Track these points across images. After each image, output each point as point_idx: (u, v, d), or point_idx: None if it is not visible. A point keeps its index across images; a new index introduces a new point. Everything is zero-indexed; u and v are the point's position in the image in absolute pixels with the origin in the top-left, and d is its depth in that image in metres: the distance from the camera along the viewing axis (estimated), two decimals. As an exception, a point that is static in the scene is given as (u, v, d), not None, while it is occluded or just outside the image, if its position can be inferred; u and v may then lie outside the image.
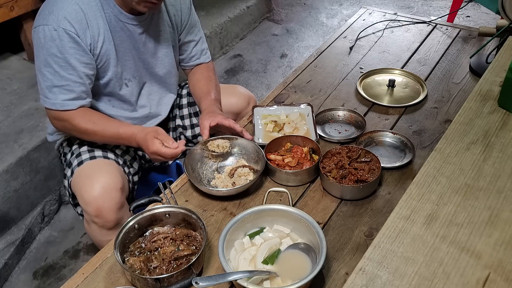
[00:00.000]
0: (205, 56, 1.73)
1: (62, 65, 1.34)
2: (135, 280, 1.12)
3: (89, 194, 1.38)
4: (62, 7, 1.32)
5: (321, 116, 1.69)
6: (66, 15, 1.31)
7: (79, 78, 1.37)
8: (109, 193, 1.39)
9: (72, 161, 1.49)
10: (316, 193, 1.40)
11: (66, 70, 1.35)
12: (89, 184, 1.39)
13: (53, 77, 1.36)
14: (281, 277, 1.10)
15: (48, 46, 1.32)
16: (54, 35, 1.31)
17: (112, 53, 1.44)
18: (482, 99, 1.18)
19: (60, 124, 1.45)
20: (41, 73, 1.37)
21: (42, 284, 1.88)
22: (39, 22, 1.34)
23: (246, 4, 3.58)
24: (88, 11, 1.35)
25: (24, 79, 2.43)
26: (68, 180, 1.49)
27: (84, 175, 1.42)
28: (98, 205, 1.37)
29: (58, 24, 1.31)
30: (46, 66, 1.35)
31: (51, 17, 1.32)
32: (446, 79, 1.90)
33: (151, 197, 1.35)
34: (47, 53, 1.33)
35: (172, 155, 1.36)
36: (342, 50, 2.14)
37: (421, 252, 0.81)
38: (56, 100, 1.38)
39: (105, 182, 1.39)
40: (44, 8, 1.37)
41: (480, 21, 3.64)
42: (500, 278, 0.76)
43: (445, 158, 1.00)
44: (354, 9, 3.92)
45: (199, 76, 1.70)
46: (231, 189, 1.37)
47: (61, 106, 1.39)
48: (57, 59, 1.34)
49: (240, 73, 3.20)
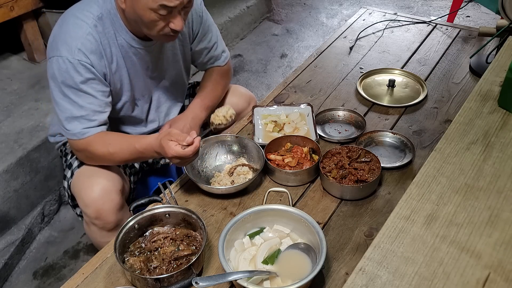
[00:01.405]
0: (219, 60, 1.70)
1: (80, 95, 1.32)
2: (135, 280, 1.12)
3: (89, 196, 1.37)
4: (76, 37, 1.29)
5: (321, 116, 1.69)
6: (80, 47, 1.29)
7: (99, 107, 1.35)
8: (109, 195, 1.38)
9: (73, 162, 1.49)
10: (316, 193, 1.40)
11: (85, 99, 1.32)
12: (88, 186, 1.38)
13: (72, 107, 1.32)
14: (281, 277, 1.10)
15: (63, 78, 1.29)
16: (69, 67, 1.28)
17: (126, 79, 1.43)
18: (482, 99, 1.18)
19: (83, 155, 1.40)
20: (58, 104, 1.33)
21: (42, 284, 1.88)
22: (53, 53, 1.30)
23: (246, 4, 3.58)
24: (102, 40, 1.32)
25: (24, 79, 2.43)
26: (67, 182, 1.49)
27: (83, 177, 1.42)
28: (97, 207, 1.36)
29: (73, 55, 1.28)
30: (64, 97, 1.32)
31: (65, 48, 1.28)
32: (446, 79, 1.90)
33: (151, 197, 1.35)
34: (63, 84, 1.30)
35: (193, 152, 1.26)
36: (342, 50, 2.14)
37: (421, 252, 0.81)
38: (76, 129, 1.34)
39: (104, 184, 1.39)
40: (56, 37, 1.32)
41: (480, 21, 3.64)
42: (500, 278, 0.76)
43: (445, 158, 1.00)
44: (354, 9, 3.92)
45: (208, 76, 1.69)
46: (231, 187, 1.37)
47: (81, 134, 1.34)
48: (74, 90, 1.31)
49: (240, 73, 3.20)
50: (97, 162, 1.41)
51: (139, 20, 1.29)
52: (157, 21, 1.27)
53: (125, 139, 1.40)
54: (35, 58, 2.55)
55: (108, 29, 1.34)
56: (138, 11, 1.26)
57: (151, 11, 1.24)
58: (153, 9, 1.23)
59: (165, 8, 1.23)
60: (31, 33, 2.48)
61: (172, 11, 1.26)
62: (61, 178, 2.15)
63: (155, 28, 1.29)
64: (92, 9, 1.32)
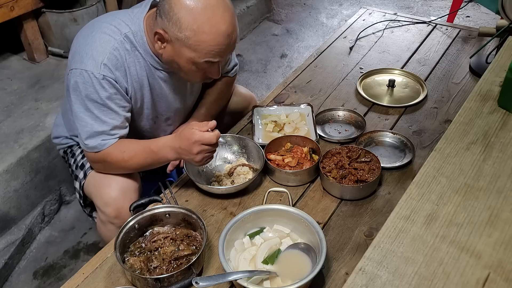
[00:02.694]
0: (230, 72, 1.68)
1: (103, 110, 1.29)
2: (135, 280, 1.12)
3: (109, 195, 1.37)
4: (101, 52, 1.27)
5: (321, 116, 1.69)
6: (106, 62, 1.26)
7: (120, 122, 1.33)
8: (128, 194, 1.39)
9: (85, 163, 1.49)
10: (316, 193, 1.40)
11: (108, 115, 1.31)
12: (107, 185, 1.38)
13: (94, 122, 1.30)
14: (281, 277, 1.11)
15: (88, 92, 1.27)
16: (94, 82, 1.26)
17: (148, 98, 1.42)
18: (482, 99, 1.18)
19: (100, 167, 1.39)
20: (80, 119, 1.31)
21: (42, 284, 1.88)
22: (77, 65, 1.27)
23: (246, 4, 3.58)
24: (126, 57, 1.30)
25: (24, 79, 2.43)
26: (80, 182, 1.48)
27: (100, 176, 1.41)
28: (118, 206, 1.36)
29: (99, 70, 1.25)
30: (86, 111, 1.29)
31: (91, 62, 1.26)
32: (446, 79, 1.90)
33: (151, 197, 1.35)
34: (87, 98, 1.28)
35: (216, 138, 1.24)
36: (342, 50, 2.14)
37: (421, 252, 0.81)
38: (95, 143, 1.32)
39: (123, 183, 1.39)
40: (81, 50, 1.29)
41: (480, 21, 3.64)
42: (500, 278, 0.76)
43: (445, 158, 1.00)
44: (354, 9, 3.91)
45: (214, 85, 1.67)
46: (231, 187, 1.37)
47: (101, 146, 1.32)
48: (98, 105, 1.29)
49: (240, 73, 3.20)
50: (115, 171, 1.39)
51: (176, 67, 1.29)
52: (197, 71, 1.28)
53: (139, 143, 1.38)
54: (35, 58, 2.55)
55: (135, 48, 1.32)
56: (178, 61, 1.26)
57: (193, 64, 1.25)
58: (196, 64, 1.24)
59: (209, 63, 1.24)
60: (31, 33, 2.48)
61: (214, 64, 1.27)
62: (61, 178, 2.16)
63: (193, 78, 1.31)
64: (120, 26, 1.30)
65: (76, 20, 2.51)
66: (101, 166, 1.39)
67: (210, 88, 1.67)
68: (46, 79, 2.43)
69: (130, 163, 1.35)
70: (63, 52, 2.55)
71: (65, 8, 2.49)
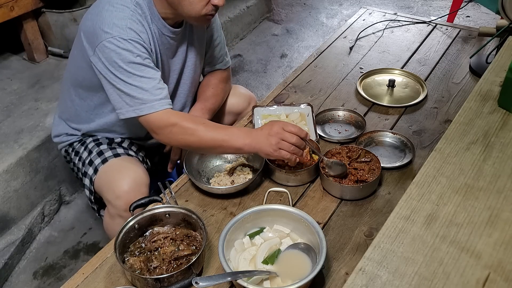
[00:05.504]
0: (221, 63, 1.70)
1: (143, 69, 1.31)
2: (135, 280, 1.12)
3: (121, 189, 1.40)
4: (123, 18, 1.29)
5: (321, 116, 1.69)
6: (130, 25, 1.29)
7: (159, 80, 1.35)
8: (139, 188, 1.42)
9: (94, 159, 1.51)
10: (316, 193, 1.40)
11: (148, 72, 1.32)
12: (120, 179, 1.41)
13: (140, 83, 1.30)
14: (281, 277, 1.11)
15: (122, 57, 1.28)
16: (126, 45, 1.28)
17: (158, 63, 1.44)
18: (482, 99, 1.18)
19: (168, 131, 1.33)
20: (125, 85, 1.30)
21: (42, 284, 1.88)
22: (103, 37, 1.28)
23: (246, 4, 3.58)
24: (143, 22, 1.34)
25: (24, 79, 2.43)
26: (90, 178, 1.50)
27: (113, 171, 1.44)
28: (129, 199, 1.36)
29: (126, 34, 1.28)
30: (130, 76, 1.29)
31: (115, 29, 1.28)
32: (446, 79, 1.90)
33: (151, 197, 1.35)
34: (123, 63, 1.28)
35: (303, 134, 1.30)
36: (342, 50, 2.14)
37: (421, 252, 0.81)
38: (154, 101, 1.31)
39: (135, 177, 1.42)
40: (99, 24, 1.29)
41: (480, 21, 3.64)
42: (500, 278, 0.76)
43: (445, 158, 1.00)
44: (354, 9, 3.92)
45: (208, 81, 1.69)
46: (231, 187, 1.37)
47: (160, 106, 1.31)
48: (137, 65, 1.30)
49: (240, 73, 3.20)
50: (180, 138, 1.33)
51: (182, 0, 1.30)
52: None
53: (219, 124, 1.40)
54: (35, 58, 2.55)
55: (146, 13, 1.36)
56: None
57: None
58: None
59: None
60: (31, 33, 2.48)
61: None
62: (61, 178, 2.16)
63: (199, 6, 1.30)
64: None
65: (76, 20, 2.51)
66: (169, 131, 1.33)
67: (204, 85, 1.68)
68: (46, 79, 2.43)
69: (205, 133, 1.31)
70: (63, 52, 2.56)
71: (65, 8, 2.49)
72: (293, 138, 1.28)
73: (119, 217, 1.43)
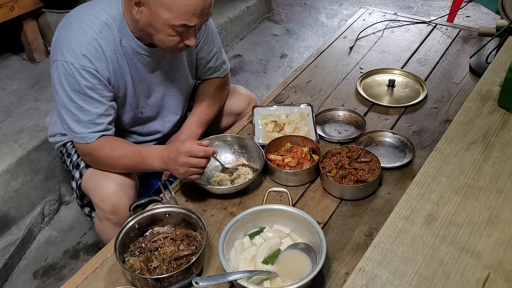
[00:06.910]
0: (218, 72, 1.68)
1: (87, 99, 1.32)
2: (135, 280, 1.12)
3: (105, 191, 1.39)
4: (80, 43, 1.29)
5: (321, 116, 1.69)
6: (85, 52, 1.29)
7: (104, 111, 1.35)
8: (125, 190, 1.40)
9: (80, 162, 1.50)
10: (316, 193, 1.40)
11: (91, 104, 1.33)
12: (104, 182, 1.40)
13: (79, 112, 1.33)
14: (281, 277, 1.11)
15: (69, 83, 1.30)
16: (74, 73, 1.29)
17: (129, 85, 1.43)
18: (482, 99, 1.18)
19: (89, 159, 1.42)
20: (65, 109, 1.34)
21: (42, 284, 1.88)
22: (58, 57, 1.30)
23: (246, 4, 3.57)
24: (106, 46, 1.32)
25: (24, 79, 2.43)
26: (76, 182, 1.49)
27: (97, 174, 1.43)
28: (114, 202, 1.37)
29: (78, 61, 1.28)
30: (71, 102, 1.32)
31: (70, 53, 1.28)
32: (446, 79, 1.90)
33: (151, 197, 1.35)
34: (70, 89, 1.31)
35: (204, 152, 1.26)
36: (342, 50, 2.14)
37: (421, 252, 0.81)
38: (83, 133, 1.35)
39: (120, 179, 1.41)
40: (60, 41, 1.31)
41: (480, 21, 3.63)
42: (500, 278, 0.76)
43: (445, 158, 1.00)
44: (354, 9, 3.91)
45: (204, 89, 1.67)
46: (231, 187, 1.37)
47: (89, 139, 1.35)
48: (81, 95, 1.31)
49: (240, 73, 3.20)
50: (102, 167, 1.41)
51: (153, 33, 1.28)
52: (174, 36, 1.27)
53: (132, 145, 1.42)
54: (35, 58, 2.55)
55: (114, 35, 1.33)
56: (155, 25, 1.25)
57: (169, 27, 1.24)
58: (172, 26, 1.23)
59: (185, 26, 1.23)
60: (31, 33, 2.48)
61: (190, 29, 1.26)
62: (61, 178, 2.16)
63: (170, 43, 1.29)
64: (98, 14, 1.32)
65: (76, 20, 2.50)
66: (90, 159, 1.42)
67: (201, 94, 1.66)
68: (46, 79, 2.42)
69: (118, 162, 1.37)
70: (63, 52, 2.55)
71: (65, 8, 2.49)
72: (202, 163, 1.28)
73: (106, 220, 1.42)
